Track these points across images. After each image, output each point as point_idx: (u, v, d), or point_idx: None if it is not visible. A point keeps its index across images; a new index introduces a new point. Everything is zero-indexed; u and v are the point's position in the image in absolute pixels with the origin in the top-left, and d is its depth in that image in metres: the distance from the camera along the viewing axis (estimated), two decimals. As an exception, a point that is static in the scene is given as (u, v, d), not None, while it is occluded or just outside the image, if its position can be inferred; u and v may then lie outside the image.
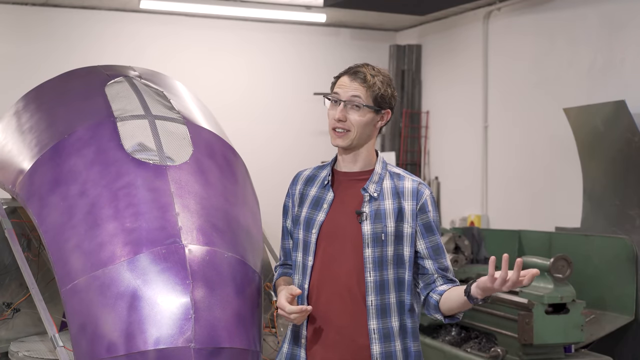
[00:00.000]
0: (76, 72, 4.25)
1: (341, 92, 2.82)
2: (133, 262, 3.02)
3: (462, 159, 8.46)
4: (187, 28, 8.66)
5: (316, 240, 2.81)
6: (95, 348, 2.94)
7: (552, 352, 4.70)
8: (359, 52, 9.29)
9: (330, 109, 2.85)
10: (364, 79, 2.80)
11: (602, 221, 6.04)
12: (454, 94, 8.67)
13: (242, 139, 6.86)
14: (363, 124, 2.80)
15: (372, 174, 2.84)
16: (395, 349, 2.75)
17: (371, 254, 2.75)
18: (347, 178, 2.87)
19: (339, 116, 2.79)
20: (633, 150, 5.77)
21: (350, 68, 2.86)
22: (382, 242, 2.76)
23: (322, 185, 2.89)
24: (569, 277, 4.66)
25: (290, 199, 2.97)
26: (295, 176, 3.01)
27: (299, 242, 2.87)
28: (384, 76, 2.84)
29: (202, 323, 2.92)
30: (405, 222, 2.79)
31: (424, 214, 2.81)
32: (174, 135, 3.56)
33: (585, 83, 6.79)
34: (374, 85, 2.80)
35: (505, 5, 7.85)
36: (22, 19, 8.09)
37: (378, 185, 2.82)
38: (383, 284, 2.76)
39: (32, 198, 3.42)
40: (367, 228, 2.76)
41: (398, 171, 2.89)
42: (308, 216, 2.86)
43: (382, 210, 2.78)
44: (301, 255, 2.85)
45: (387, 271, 2.76)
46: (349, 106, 2.79)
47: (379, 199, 2.80)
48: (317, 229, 2.81)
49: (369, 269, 2.75)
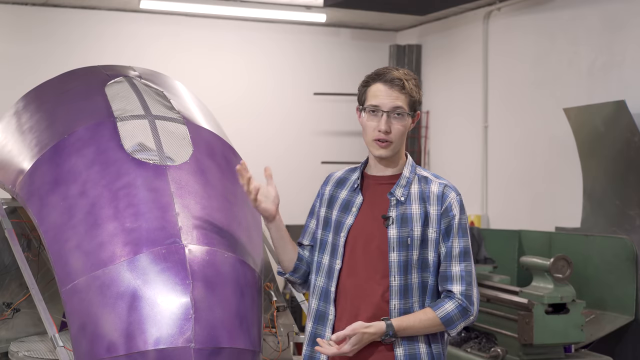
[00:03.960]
0: (76, 72, 4.24)
1: (381, 103, 2.77)
2: (133, 262, 3.02)
3: (462, 159, 8.46)
4: (187, 28, 8.66)
5: (344, 243, 2.81)
6: (95, 348, 2.93)
7: (552, 352, 4.70)
8: (359, 52, 9.30)
9: (369, 119, 2.80)
10: (402, 86, 2.77)
11: (602, 221, 6.04)
12: (454, 94, 8.66)
13: (242, 139, 6.86)
14: (402, 132, 2.80)
15: (400, 177, 2.83)
16: (420, 351, 2.75)
17: (396, 258, 2.74)
18: (376, 182, 2.86)
19: (386, 128, 2.76)
20: (633, 150, 5.77)
21: (380, 74, 2.80)
22: (407, 246, 2.75)
23: (352, 189, 2.88)
24: (569, 277, 4.66)
25: (319, 199, 2.97)
26: (327, 177, 3.01)
27: (326, 245, 2.86)
28: (414, 79, 2.83)
29: (202, 323, 2.92)
30: (431, 226, 2.77)
31: (447, 217, 2.79)
32: (174, 135, 3.56)
33: (585, 83, 6.79)
34: (412, 91, 2.79)
35: (505, 5, 7.85)
36: (22, 19, 8.09)
37: (405, 189, 2.81)
38: (407, 288, 2.75)
39: (32, 198, 3.42)
40: (393, 232, 2.76)
41: (426, 174, 2.87)
42: (337, 219, 2.86)
43: (409, 214, 2.77)
44: (328, 258, 2.84)
45: (411, 275, 2.75)
46: (391, 116, 2.77)
47: (406, 203, 2.79)
48: (346, 232, 2.81)
49: (394, 273, 2.74)
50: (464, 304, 2.75)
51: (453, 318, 2.74)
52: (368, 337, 2.69)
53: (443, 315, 2.74)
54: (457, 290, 2.75)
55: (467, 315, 2.76)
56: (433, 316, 2.73)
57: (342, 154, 9.05)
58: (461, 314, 2.75)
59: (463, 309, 2.75)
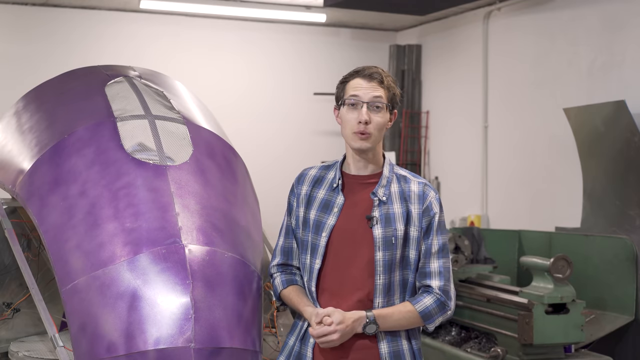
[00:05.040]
0: (76, 72, 4.24)
1: (361, 94, 2.79)
2: (133, 262, 3.02)
3: (462, 159, 8.46)
4: (187, 28, 8.66)
5: (326, 243, 2.82)
6: (95, 348, 2.93)
7: (552, 352, 4.70)
8: (359, 52, 9.30)
9: (348, 112, 2.81)
10: (380, 80, 2.80)
11: (602, 221, 6.04)
12: (454, 94, 8.67)
13: (242, 139, 6.87)
14: (382, 126, 2.82)
15: (381, 177, 2.85)
16: (403, 347, 2.80)
17: (382, 257, 2.77)
18: (357, 181, 2.87)
19: (367, 118, 2.77)
20: (633, 150, 5.77)
21: (360, 70, 2.84)
22: (392, 245, 2.78)
23: (330, 188, 2.89)
24: (569, 277, 4.65)
25: (295, 198, 2.96)
26: (301, 175, 2.99)
27: (306, 245, 2.87)
28: (391, 77, 2.87)
29: (202, 323, 2.92)
30: (412, 225, 2.81)
31: (427, 216, 2.83)
32: (174, 135, 3.56)
33: (585, 83, 6.79)
34: (390, 85, 2.82)
35: (505, 5, 7.85)
36: (22, 19, 8.09)
37: (386, 189, 2.83)
38: (390, 286, 2.79)
39: (32, 198, 3.41)
40: (378, 232, 2.78)
41: (404, 173, 2.89)
42: (317, 219, 2.85)
43: (392, 214, 2.80)
44: (309, 258, 2.85)
45: (394, 273, 2.79)
46: (370, 107, 2.78)
47: (387, 203, 2.81)
48: (328, 232, 2.82)
49: (379, 272, 2.77)
50: (442, 298, 2.80)
51: (432, 312, 2.79)
52: (350, 320, 2.71)
53: (422, 309, 2.78)
54: (435, 285, 2.81)
55: (444, 309, 2.82)
56: (412, 309, 2.78)
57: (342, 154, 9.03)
58: (439, 308, 2.80)
59: (441, 304, 2.80)
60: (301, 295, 2.88)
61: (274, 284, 2.99)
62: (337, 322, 2.70)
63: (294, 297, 2.89)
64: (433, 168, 8.96)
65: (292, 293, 2.91)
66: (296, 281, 2.95)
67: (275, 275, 3.00)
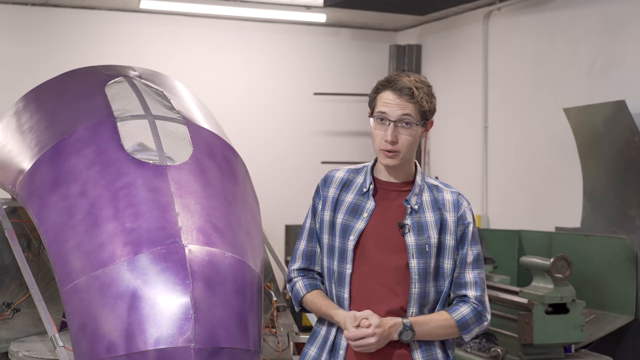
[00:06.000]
0: (76, 72, 4.25)
1: (389, 111, 2.71)
2: (133, 262, 3.02)
3: (462, 159, 8.46)
4: (187, 28, 8.66)
5: (354, 247, 2.74)
6: (95, 348, 2.94)
7: (552, 352, 4.70)
8: (359, 52, 9.30)
9: (377, 128, 2.74)
10: (411, 95, 2.69)
11: (602, 221, 6.03)
12: (454, 94, 8.66)
13: (242, 139, 6.86)
14: (411, 142, 2.73)
15: (414, 186, 2.80)
16: (437, 356, 2.74)
17: (416, 265, 2.71)
18: (388, 188, 2.81)
19: (392, 138, 2.69)
20: (633, 150, 5.76)
21: (391, 82, 2.73)
22: (426, 253, 2.72)
23: (360, 192, 2.81)
24: (569, 277, 4.65)
25: (320, 200, 2.86)
26: (327, 177, 2.88)
27: (333, 249, 2.78)
28: (426, 86, 2.76)
29: (202, 323, 2.92)
30: (448, 233, 2.77)
31: (462, 225, 2.79)
32: (174, 135, 3.57)
33: (585, 83, 6.79)
34: (422, 100, 2.71)
35: (505, 5, 7.84)
36: (22, 19, 8.09)
37: (418, 197, 2.78)
38: (425, 295, 2.74)
39: (32, 198, 3.42)
40: (411, 239, 2.72)
41: (435, 183, 2.85)
42: (345, 223, 2.77)
43: (424, 222, 2.75)
44: (336, 263, 2.77)
45: (428, 283, 2.74)
46: (399, 125, 2.71)
47: (419, 211, 2.76)
48: (356, 236, 2.74)
49: (415, 280, 2.71)
50: (479, 308, 2.75)
51: (468, 322, 2.74)
52: (387, 325, 2.64)
53: (459, 318, 2.73)
54: (472, 295, 2.76)
55: (481, 320, 2.76)
56: (449, 317, 2.73)
57: (342, 154, 9.04)
58: (476, 317, 2.75)
59: (478, 313, 2.75)
60: (328, 300, 2.79)
61: (295, 288, 2.86)
62: (376, 326, 2.62)
63: (320, 301, 2.79)
64: (433, 168, 8.96)
65: (318, 297, 2.81)
66: (319, 286, 2.85)
67: (295, 280, 2.88)
